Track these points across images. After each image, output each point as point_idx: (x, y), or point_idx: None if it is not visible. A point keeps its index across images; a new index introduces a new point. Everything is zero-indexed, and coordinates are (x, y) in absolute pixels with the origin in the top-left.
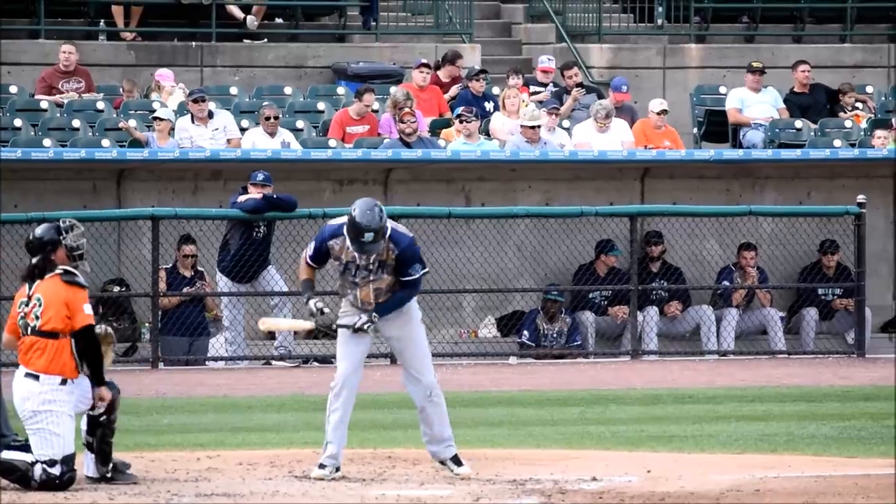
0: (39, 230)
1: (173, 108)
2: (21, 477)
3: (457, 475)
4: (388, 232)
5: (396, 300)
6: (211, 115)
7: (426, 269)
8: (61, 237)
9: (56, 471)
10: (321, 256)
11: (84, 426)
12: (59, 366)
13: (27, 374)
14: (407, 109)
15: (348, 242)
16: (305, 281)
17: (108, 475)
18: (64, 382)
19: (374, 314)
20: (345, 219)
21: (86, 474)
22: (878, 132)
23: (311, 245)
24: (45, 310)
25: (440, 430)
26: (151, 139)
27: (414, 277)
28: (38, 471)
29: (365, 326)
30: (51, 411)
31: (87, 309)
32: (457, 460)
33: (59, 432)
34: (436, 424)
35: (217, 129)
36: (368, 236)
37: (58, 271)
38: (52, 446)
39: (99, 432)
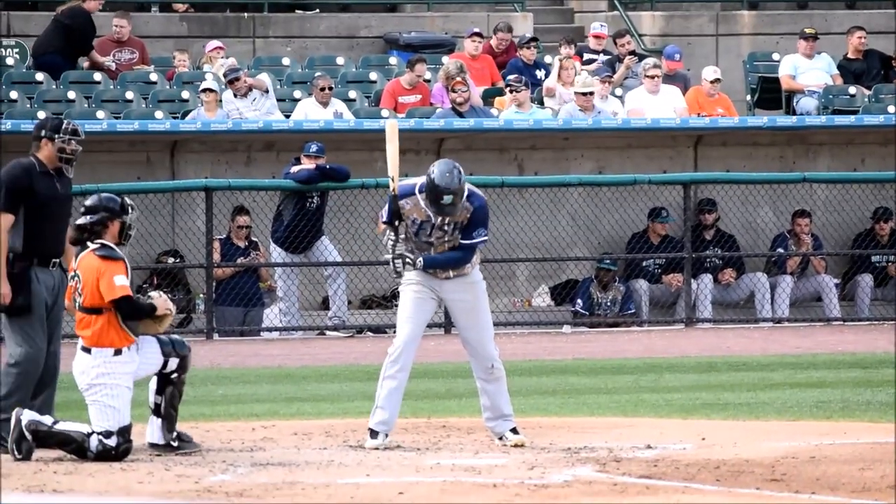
0: (106, 196)
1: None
2: (77, 448)
3: (511, 444)
4: (466, 192)
5: (446, 258)
6: (267, 91)
7: (486, 237)
8: (125, 213)
9: (112, 442)
10: (395, 214)
11: (153, 386)
12: (109, 338)
13: (82, 348)
14: (458, 79)
15: (422, 202)
16: (386, 230)
17: (174, 443)
18: (118, 353)
19: (420, 261)
20: (417, 179)
21: (149, 441)
22: None
23: (385, 208)
24: (84, 286)
25: (500, 405)
26: (199, 112)
27: (473, 242)
28: (94, 442)
29: (405, 263)
30: (105, 384)
31: (120, 280)
32: (513, 430)
33: (114, 405)
34: (496, 400)
35: (255, 100)
36: (447, 199)
37: (93, 246)
38: (108, 418)
39: (168, 391)
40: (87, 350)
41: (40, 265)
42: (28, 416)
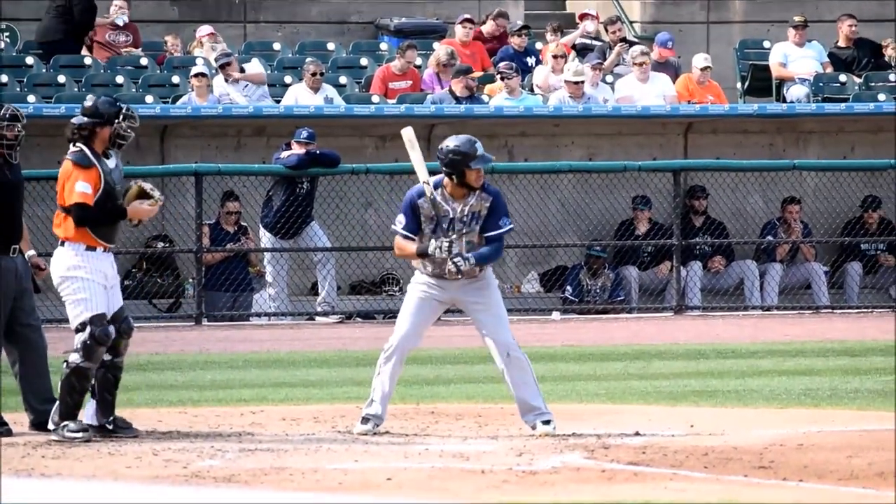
0: (103, 100)
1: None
2: (73, 373)
3: (538, 434)
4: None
5: (490, 251)
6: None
7: (511, 226)
8: (118, 120)
9: (85, 334)
10: (414, 221)
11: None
12: (80, 236)
13: (59, 243)
14: (471, 74)
15: (438, 197)
16: (418, 247)
17: (109, 426)
18: (91, 249)
19: (471, 257)
20: (422, 182)
21: (86, 421)
22: None
23: (400, 217)
24: (59, 187)
25: (527, 397)
26: (190, 97)
27: (501, 231)
28: (73, 357)
29: (455, 261)
30: (76, 277)
31: (80, 186)
32: (546, 422)
33: (85, 297)
34: (521, 392)
35: (247, 86)
36: (480, 147)
37: (73, 149)
38: (80, 309)
39: (99, 374)
40: (62, 244)
41: (1, 253)
42: None
